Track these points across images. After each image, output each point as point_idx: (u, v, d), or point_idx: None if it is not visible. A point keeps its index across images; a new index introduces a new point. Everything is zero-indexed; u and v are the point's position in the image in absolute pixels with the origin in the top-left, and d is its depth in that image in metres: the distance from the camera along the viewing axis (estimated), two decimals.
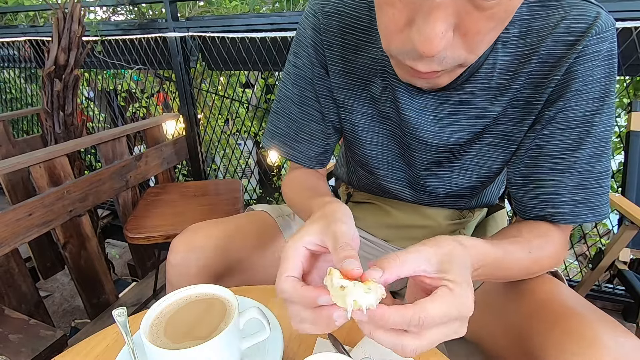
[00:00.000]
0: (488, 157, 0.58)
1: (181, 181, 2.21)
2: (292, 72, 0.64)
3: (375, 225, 0.76)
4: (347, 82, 0.60)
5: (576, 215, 0.50)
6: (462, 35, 0.37)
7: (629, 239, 1.02)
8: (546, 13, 0.48)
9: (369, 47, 0.57)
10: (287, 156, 0.69)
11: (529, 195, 0.53)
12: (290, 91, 0.64)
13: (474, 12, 0.35)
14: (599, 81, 0.47)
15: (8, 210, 1.09)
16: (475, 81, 0.52)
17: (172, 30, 1.61)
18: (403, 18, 0.37)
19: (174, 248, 0.62)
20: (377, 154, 0.64)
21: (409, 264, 0.35)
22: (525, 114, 0.52)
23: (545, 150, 0.51)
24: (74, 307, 1.65)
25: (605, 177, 0.50)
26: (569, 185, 0.50)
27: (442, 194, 0.65)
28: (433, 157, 0.60)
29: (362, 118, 0.62)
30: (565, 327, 0.43)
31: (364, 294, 0.32)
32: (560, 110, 0.49)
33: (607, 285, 1.44)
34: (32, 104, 2.58)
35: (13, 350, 0.84)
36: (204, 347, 0.38)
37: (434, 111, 0.56)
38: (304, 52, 0.61)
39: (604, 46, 0.46)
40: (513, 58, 0.50)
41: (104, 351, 0.50)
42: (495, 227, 0.76)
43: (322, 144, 0.67)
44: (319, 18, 0.58)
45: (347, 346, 0.49)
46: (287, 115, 0.66)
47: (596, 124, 0.48)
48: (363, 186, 0.75)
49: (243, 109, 2.01)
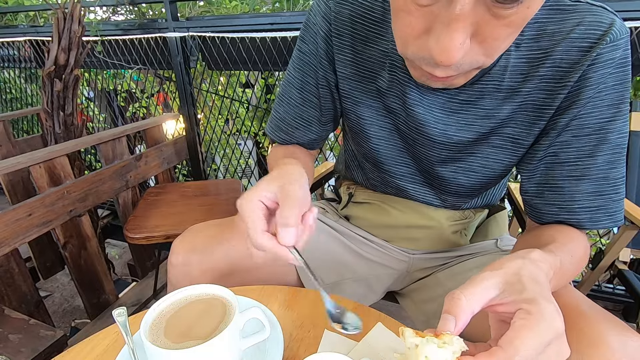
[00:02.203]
0: (494, 159, 0.58)
1: (181, 181, 2.21)
2: (296, 56, 0.65)
3: (376, 225, 0.76)
4: (354, 73, 0.60)
5: (594, 221, 0.50)
6: (479, 42, 0.37)
7: (629, 239, 1.02)
8: (561, 17, 0.47)
9: (379, 39, 0.56)
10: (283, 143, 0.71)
11: (545, 202, 0.53)
12: (293, 75, 0.65)
13: (492, 20, 0.35)
14: (613, 88, 0.47)
15: (8, 210, 1.09)
16: (486, 81, 0.52)
17: (172, 30, 1.61)
18: (420, 25, 0.37)
19: (175, 249, 0.62)
20: (382, 148, 0.64)
21: (477, 296, 0.32)
22: (536, 118, 0.52)
23: (561, 158, 0.51)
24: (74, 307, 1.65)
25: (621, 183, 0.50)
26: (586, 192, 0.50)
27: (446, 192, 0.65)
28: (438, 154, 0.60)
29: (367, 111, 0.62)
30: (569, 326, 0.42)
31: (437, 350, 0.30)
32: (575, 117, 0.49)
33: (607, 285, 1.44)
34: (32, 104, 2.58)
35: (13, 350, 0.84)
36: (204, 347, 0.38)
37: (441, 108, 0.56)
38: (310, 39, 0.62)
39: (618, 54, 0.46)
40: (525, 61, 0.50)
41: (104, 351, 0.50)
42: (497, 227, 0.76)
43: (317, 130, 0.68)
44: (330, 6, 0.58)
45: (353, 340, 0.49)
46: (287, 100, 0.67)
47: (611, 130, 0.48)
48: (369, 180, 0.75)
49: (243, 109, 2.01)
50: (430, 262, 0.74)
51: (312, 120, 0.67)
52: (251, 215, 0.41)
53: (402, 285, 0.80)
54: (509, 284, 0.33)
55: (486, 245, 0.74)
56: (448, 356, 0.30)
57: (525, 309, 0.31)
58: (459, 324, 0.32)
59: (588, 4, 0.48)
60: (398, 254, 0.75)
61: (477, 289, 0.33)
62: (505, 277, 0.33)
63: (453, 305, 0.32)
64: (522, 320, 0.30)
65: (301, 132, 0.68)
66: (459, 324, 0.32)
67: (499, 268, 0.34)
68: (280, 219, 0.40)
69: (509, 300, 0.32)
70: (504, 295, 0.33)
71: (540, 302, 0.31)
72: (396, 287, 0.81)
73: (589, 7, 0.47)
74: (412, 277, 0.77)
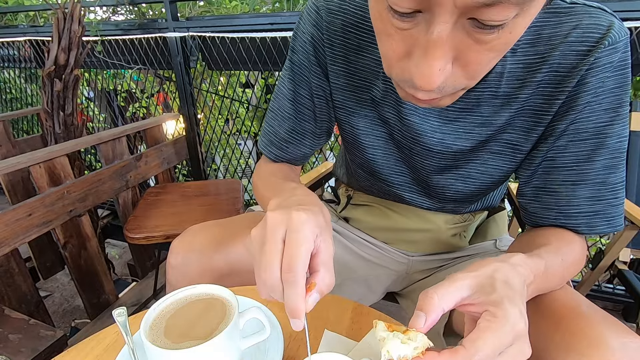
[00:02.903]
0: (492, 166, 0.57)
1: (181, 181, 2.21)
2: (288, 67, 0.63)
3: (375, 228, 0.76)
4: (348, 83, 0.59)
5: (591, 227, 0.50)
6: (462, 67, 0.36)
7: (629, 239, 1.02)
8: (558, 20, 0.46)
9: (372, 48, 0.55)
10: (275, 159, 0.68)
11: (543, 206, 0.53)
12: (286, 87, 0.63)
13: (474, 45, 0.33)
14: (611, 92, 0.46)
15: (8, 210, 1.09)
16: (483, 88, 0.51)
17: (172, 30, 1.61)
18: (401, 49, 0.36)
19: (174, 249, 0.62)
20: (378, 158, 0.63)
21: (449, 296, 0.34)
22: (534, 124, 0.51)
23: (558, 162, 0.50)
24: (74, 307, 1.65)
25: (620, 188, 0.49)
26: (584, 197, 0.49)
27: (444, 199, 0.65)
28: (436, 163, 0.59)
29: (362, 121, 0.61)
30: (569, 327, 0.42)
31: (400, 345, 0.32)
32: (572, 122, 0.48)
33: (607, 285, 1.44)
34: (32, 104, 2.58)
35: (13, 350, 0.84)
36: (204, 347, 0.38)
37: (438, 117, 0.55)
38: (301, 49, 0.60)
39: (616, 57, 0.45)
40: (522, 66, 0.49)
41: (104, 351, 0.50)
42: (496, 228, 0.76)
43: (310, 144, 0.67)
44: (321, 15, 0.57)
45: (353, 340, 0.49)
46: (280, 113, 0.65)
47: (610, 135, 0.47)
48: (363, 187, 0.74)
49: (243, 109, 2.02)
50: (430, 263, 0.74)
51: (306, 134, 0.65)
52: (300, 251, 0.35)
53: (402, 286, 0.80)
54: (481, 286, 0.34)
55: (485, 246, 0.73)
56: (408, 352, 0.32)
57: (491, 312, 0.32)
58: (429, 320, 0.33)
59: (585, 5, 0.46)
60: (397, 256, 0.75)
61: (450, 288, 0.34)
62: (478, 279, 0.35)
63: (425, 303, 0.34)
64: (487, 322, 0.32)
65: (294, 147, 0.66)
66: (429, 320, 0.33)
67: (476, 270, 0.36)
68: (321, 281, 0.37)
69: (479, 301, 0.34)
70: (475, 296, 0.34)
71: (506, 306, 0.32)
72: (396, 287, 0.81)
73: (586, 8, 0.46)
74: (411, 278, 0.77)
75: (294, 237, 0.36)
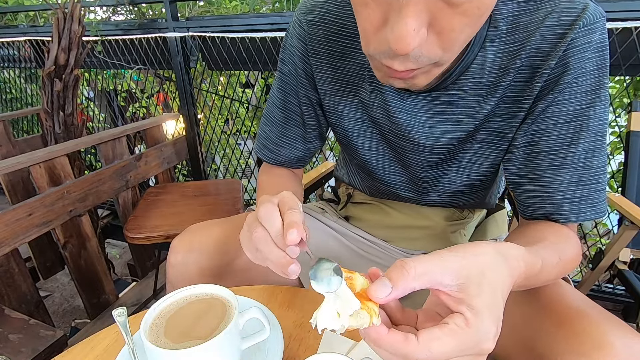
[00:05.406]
0: (482, 155, 0.58)
1: (181, 181, 2.21)
2: (278, 77, 0.66)
3: (375, 226, 0.76)
4: (335, 88, 0.61)
5: (578, 213, 0.50)
6: (436, 34, 0.37)
7: (629, 239, 1.02)
8: (533, 8, 0.48)
9: (356, 53, 0.57)
10: (270, 162, 0.72)
11: (527, 194, 0.53)
12: (276, 96, 0.67)
13: (446, 8, 0.35)
14: (591, 73, 0.47)
15: (8, 210, 1.09)
16: (466, 80, 0.52)
17: (172, 30, 1.61)
18: (377, 18, 0.37)
19: (174, 248, 0.62)
20: (372, 158, 0.65)
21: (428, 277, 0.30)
22: (516, 109, 0.52)
23: (542, 147, 0.50)
24: (74, 307, 1.65)
25: (602, 173, 0.49)
26: (567, 182, 0.49)
27: (440, 194, 0.66)
28: (428, 158, 0.60)
29: (353, 124, 0.63)
30: (572, 328, 0.42)
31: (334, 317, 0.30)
32: (552, 103, 0.48)
33: (607, 285, 1.44)
34: (32, 104, 2.58)
35: (13, 350, 0.84)
36: (204, 347, 0.38)
37: (425, 112, 0.56)
38: (289, 60, 0.64)
39: (594, 37, 0.46)
40: (503, 55, 0.50)
41: (104, 351, 0.50)
42: (496, 227, 0.76)
43: (302, 148, 0.70)
44: (304, 28, 0.60)
45: (352, 340, 0.49)
46: (271, 119, 0.69)
47: (591, 117, 0.48)
48: (365, 187, 0.75)
49: (243, 109, 2.02)
50: None
51: (297, 138, 0.68)
52: (270, 217, 0.40)
53: None
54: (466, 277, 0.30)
55: None
56: (336, 326, 0.30)
57: (466, 317, 0.29)
58: (392, 295, 0.30)
59: None
60: (397, 254, 0.75)
61: (433, 268, 0.30)
62: (468, 270, 0.30)
63: (397, 275, 0.30)
64: (456, 327, 0.29)
65: (287, 150, 0.70)
66: (393, 294, 0.30)
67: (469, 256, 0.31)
68: (286, 219, 0.39)
69: (458, 297, 0.30)
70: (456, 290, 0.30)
71: (484, 317, 0.29)
72: None
73: None
74: None
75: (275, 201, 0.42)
